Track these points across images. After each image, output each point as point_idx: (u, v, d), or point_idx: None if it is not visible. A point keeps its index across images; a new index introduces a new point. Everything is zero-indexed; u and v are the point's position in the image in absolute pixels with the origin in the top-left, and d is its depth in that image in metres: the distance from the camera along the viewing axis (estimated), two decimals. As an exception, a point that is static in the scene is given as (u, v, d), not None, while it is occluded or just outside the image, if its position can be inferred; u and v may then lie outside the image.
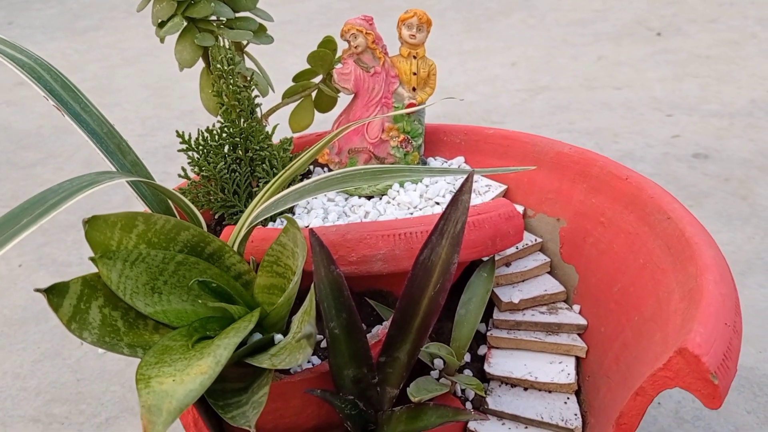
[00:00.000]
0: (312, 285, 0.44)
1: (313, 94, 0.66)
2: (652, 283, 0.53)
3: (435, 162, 0.70)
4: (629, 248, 0.57)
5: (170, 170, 1.49)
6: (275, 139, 0.69)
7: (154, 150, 1.60)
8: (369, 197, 0.65)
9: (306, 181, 0.48)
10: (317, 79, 0.66)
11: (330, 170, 0.69)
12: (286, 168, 0.48)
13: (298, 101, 0.65)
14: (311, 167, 0.70)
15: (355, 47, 0.61)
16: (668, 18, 2.40)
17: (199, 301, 0.48)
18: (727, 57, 2.03)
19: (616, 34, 2.26)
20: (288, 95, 0.65)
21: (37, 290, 0.41)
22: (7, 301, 1.13)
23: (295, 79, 0.66)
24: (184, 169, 0.56)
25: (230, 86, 0.55)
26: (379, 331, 0.54)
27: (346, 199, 0.65)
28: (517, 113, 1.74)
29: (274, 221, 0.61)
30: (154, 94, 1.86)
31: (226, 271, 0.51)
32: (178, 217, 0.52)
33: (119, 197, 1.36)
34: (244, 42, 0.62)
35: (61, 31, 2.45)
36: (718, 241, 0.53)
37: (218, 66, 0.54)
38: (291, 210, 0.64)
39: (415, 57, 0.63)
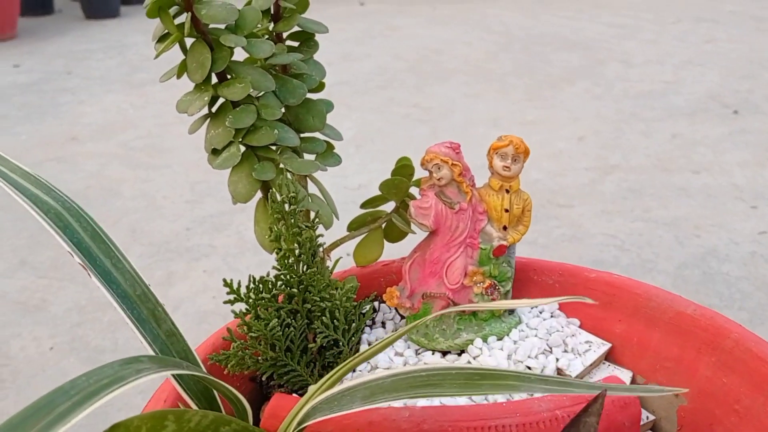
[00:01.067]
0: None
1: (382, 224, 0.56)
2: None
3: (524, 309, 0.59)
4: (778, 454, 0.45)
5: (216, 243, 1.41)
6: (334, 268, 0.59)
7: (202, 219, 1.52)
8: (445, 352, 0.55)
9: (379, 374, 0.38)
10: (388, 205, 0.56)
11: (400, 315, 0.59)
12: (350, 361, 0.38)
13: (366, 233, 0.56)
14: (376, 304, 0.60)
15: (438, 179, 0.51)
16: (743, 94, 2.26)
17: None
18: (816, 143, 1.88)
19: (690, 110, 2.13)
20: (355, 227, 0.56)
21: None
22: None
23: (364, 206, 0.56)
24: (230, 331, 0.47)
25: (290, 228, 0.46)
26: None
27: (417, 352, 0.55)
28: (586, 195, 1.63)
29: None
30: (206, 157, 1.80)
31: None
32: (219, 402, 0.42)
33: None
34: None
35: (119, 84, 2.44)
36: None
37: (277, 208, 0.45)
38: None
39: (507, 191, 0.53)
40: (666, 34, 3.13)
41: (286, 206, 0.45)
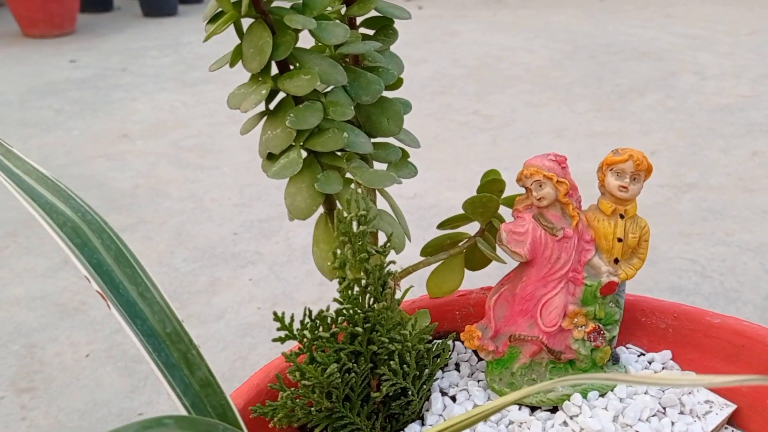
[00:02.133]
0: None
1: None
2: None
3: (626, 354, 0.49)
4: None
5: (263, 250, 1.34)
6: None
7: (249, 223, 1.46)
8: (534, 408, 0.45)
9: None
10: (470, 226, 0.47)
11: (477, 357, 0.50)
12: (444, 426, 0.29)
13: (444, 258, 0.47)
14: (450, 343, 0.51)
15: (539, 199, 0.42)
16: (833, 110, 2.11)
17: None
18: None
19: (771, 126, 1.99)
20: (431, 251, 0.47)
21: None
22: (64, 401, 0.99)
23: (442, 226, 0.47)
24: (279, 378, 0.38)
25: (357, 254, 0.37)
26: None
27: (505, 411, 0.45)
28: (661, 215, 1.51)
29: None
30: (256, 159, 1.74)
31: None
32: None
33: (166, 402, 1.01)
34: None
35: (173, 82, 2.40)
36: None
37: (343, 229, 0.36)
38: (420, 417, 0.45)
39: (622, 216, 0.43)
40: (741, 46, 2.98)
41: (354, 226, 0.36)
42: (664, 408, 0.45)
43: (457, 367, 0.50)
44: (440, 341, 0.44)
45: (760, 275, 1.27)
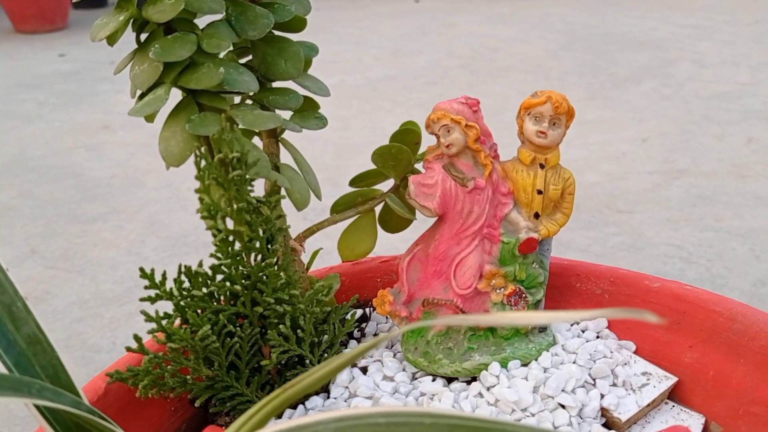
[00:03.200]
0: None
1: (378, 208, 0.43)
2: None
3: (563, 326, 0.45)
4: None
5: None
6: (313, 266, 0.46)
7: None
8: (450, 379, 0.41)
9: (316, 417, 0.25)
10: (387, 184, 0.43)
11: (396, 327, 0.46)
12: (282, 390, 0.25)
13: (355, 217, 0.43)
14: (368, 311, 0.47)
15: (447, 146, 0.38)
16: (833, 98, 2.05)
17: None
18: None
19: (768, 113, 1.94)
20: (339, 209, 0.43)
21: None
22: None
23: (353, 182, 0.43)
24: (138, 340, 0.34)
25: (236, 203, 0.33)
26: None
27: (415, 376, 0.41)
28: (649, 201, 1.46)
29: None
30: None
31: None
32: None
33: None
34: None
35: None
36: None
37: (215, 172, 0.32)
38: (326, 390, 0.41)
39: (542, 166, 0.39)
40: (742, 36, 2.92)
41: (223, 171, 0.32)
42: (594, 380, 0.40)
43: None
44: (343, 304, 0.40)
45: (749, 261, 1.22)
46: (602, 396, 0.39)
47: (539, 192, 0.39)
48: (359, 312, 0.46)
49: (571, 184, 0.40)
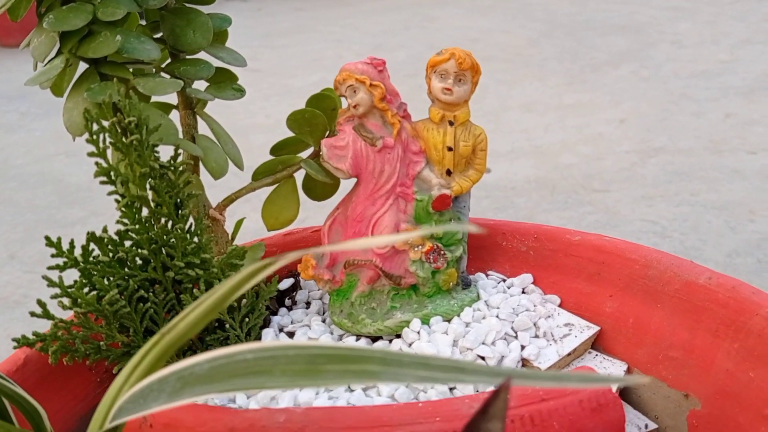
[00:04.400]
0: None
1: (301, 176, 0.44)
2: None
3: (487, 281, 0.45)
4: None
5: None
6: (245, 239, 0.47)
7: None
8: (374, 338, 0.42)
9: (195, 359, 0.25)
10: (306, 152, 0.44)
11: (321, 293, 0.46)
12: (169, 327, 0.26)
13: (275, 185, 0.43)
14: (297, 280, 0.47)
15: (354, 106, 0.39)
16: (812, 70, 2.05)
17: None
18: None
19: (747, 89, 1.94)
20: (259, 176, 0.43)
21: None
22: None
23: (274, 150, 0.44)
24: (42, 304, 0.35)
25: (139, 168, 0.34)
26: None
27: (341, 339, 0.42)
28: (624, 180, 1.46)
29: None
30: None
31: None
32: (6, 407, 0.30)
33: None
34: (195, 98, 0.41)
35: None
36: None
37: (112, 138, 0.33)
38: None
39: (451, 123, 0.40)
40: (723, 15, 2.92)
41: (120, 133, 0.33)
42: (516, 332, 0.41)
43: (308, 305, 0.46)
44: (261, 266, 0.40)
45: (723, 233, 1.23)
46: (523, 347, 0.40)
47: (449, 149, 0.40)
48: (290, 281, 0.47)
49: (483, 140, 0.41)
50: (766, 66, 2.12)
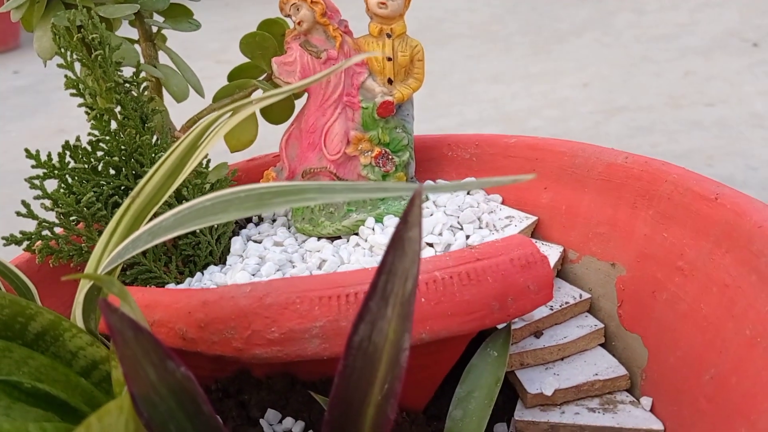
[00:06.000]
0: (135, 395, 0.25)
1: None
2: (768, 373, 0.31)
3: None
4: (727, 311, 0.35)
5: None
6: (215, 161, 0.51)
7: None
8: (333, 238, 0.46)
9: (164, 216, 0.29)
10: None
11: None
12: (136, 192, 0.30)
13: (226, 105, 0.47)
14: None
15: (299, 23, 0.42)
16: (765, 28, 2.11)
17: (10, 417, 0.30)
18: (843, 61, 1.74)
19: (706, 48, 2.00)
20: (218, 99, 0.47)
21: None
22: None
23: (231, 76, 0.48)
24: (26, 205, 0.39)
25: (105, 82, 0.37)
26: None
27: (304, 241, 0.46)
28: (589, 138, 1.51)
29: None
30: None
31: (68, 363, 0.33)
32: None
33: None
34: (156, 30, 0.45)
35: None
36: None
37: (78, 56, 0.36)
38: (222, 259, 0.45)
39: (389, 35, 0.44)
40: (683, -18, 2.97)
41: (83, 48, 0.37)
42: (461, 225, 0.45)
43: (274, 222, 0.50)
44: (226, 179, 0.44)
45: (683, 178, 1.27)
46: (468, 237, 0.44)
47: (389, 59, 0.44)
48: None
49: (420, 51, 0.45)
50: (723, 26, 2.18)
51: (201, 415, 0.27)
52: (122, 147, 0.39)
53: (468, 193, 0.49)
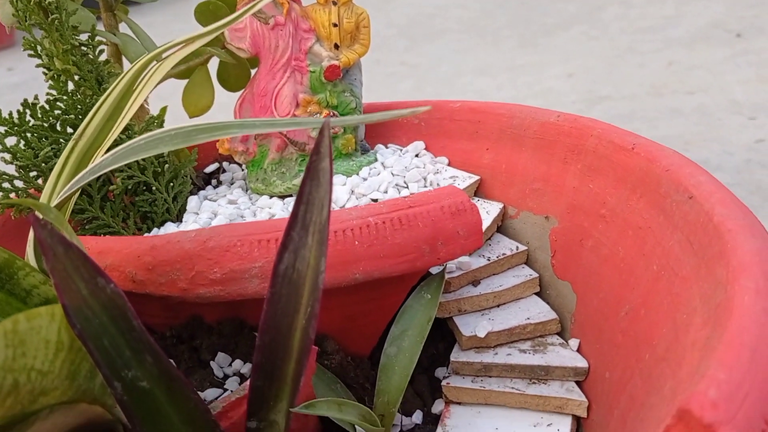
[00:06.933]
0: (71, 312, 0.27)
1: (215, 69, 0.50)
2: (668, 301, 0.33)
3: (386, 151, 0.52)
4: (639, 250, 0.37)
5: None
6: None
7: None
8: (285, 196, 0.48)
9: (100, 158, 0.32)
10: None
11: (237, 164, 0.53)
12: (78, 135, 0.32)
13: (181, 71, 0.50)
14: (225, 165, 0.54)
15: (248, -9, 0.45)
16: (749, 19, 2.14)
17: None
18: (821, 50, 1.76)
19: (689, 39, 2.03)
20: (175, 66, 0.49)
21: None
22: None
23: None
24: None
25: (59, 44, 0.40)
26: (246, 384, 0.36)
27: (257, 201, 0.48)
28: (570, 126, 1.53)
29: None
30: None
31: (23, 300, 0.35)
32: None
33: None
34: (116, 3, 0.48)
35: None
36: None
37: (35, 19, 0.39)
38: (180, 217, 0.48)
39: (335, 3, 0.46)
40: (672, -23, 3.00)
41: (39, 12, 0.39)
42: (407, 184, 0.47)
43: (232, 184, 0.52)
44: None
45: (659, 163, 1.30)
46: (412, 193, 0.46)
47: (335, 25, 0.46)
48: (215, 165, 0.53)
49: (365, 18, 0.47)
50: (708, 18, 2.21)
51: (132, 331, 0.29)
52: (78, 106, 0.41)
53: (417, 156, 0.51)
